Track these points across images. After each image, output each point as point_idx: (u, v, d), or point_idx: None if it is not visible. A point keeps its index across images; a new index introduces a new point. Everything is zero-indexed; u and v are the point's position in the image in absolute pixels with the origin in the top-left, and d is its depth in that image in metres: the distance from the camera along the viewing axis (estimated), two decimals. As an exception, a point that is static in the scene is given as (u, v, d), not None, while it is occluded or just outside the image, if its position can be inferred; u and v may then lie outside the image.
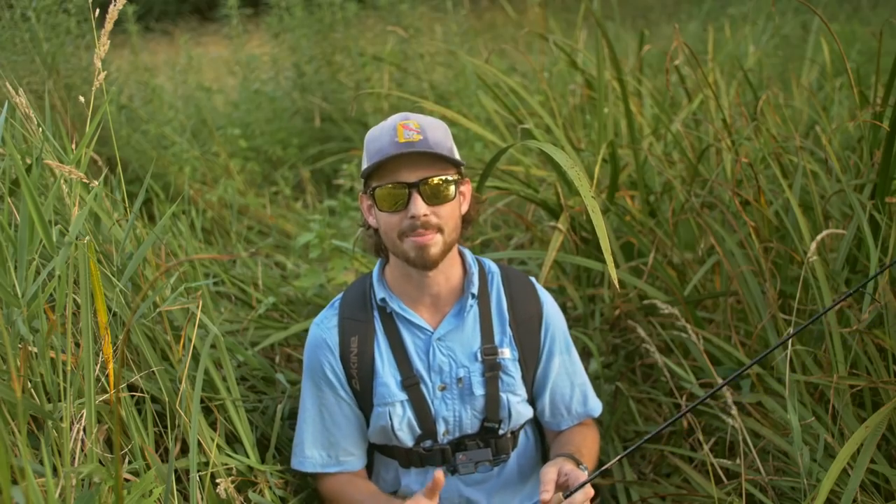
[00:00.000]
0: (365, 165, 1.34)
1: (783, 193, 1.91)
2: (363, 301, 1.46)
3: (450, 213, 1.32)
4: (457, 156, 1.36)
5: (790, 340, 1.55)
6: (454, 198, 1.33)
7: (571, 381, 1.53)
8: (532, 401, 1.53)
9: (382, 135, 1.31)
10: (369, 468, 1.56)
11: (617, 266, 2.01)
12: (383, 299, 1.42)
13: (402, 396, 1.41)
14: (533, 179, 2.38)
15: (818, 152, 2.11)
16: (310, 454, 1.45)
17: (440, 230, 1.31)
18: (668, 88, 2.39)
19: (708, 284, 2.06)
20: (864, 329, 1.53)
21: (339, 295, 1.51)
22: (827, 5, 5.74)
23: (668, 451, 1.72)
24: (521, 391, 1.47)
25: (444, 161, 1.30)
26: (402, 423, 1.41)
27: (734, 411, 1.52)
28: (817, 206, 1.82)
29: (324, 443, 1.45)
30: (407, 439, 1.43)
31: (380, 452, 1.53)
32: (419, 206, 1.28)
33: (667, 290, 1.96)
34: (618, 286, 1.25)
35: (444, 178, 1.30)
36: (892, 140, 1.60)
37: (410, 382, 1.41)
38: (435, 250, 1.31)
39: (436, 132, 1.32)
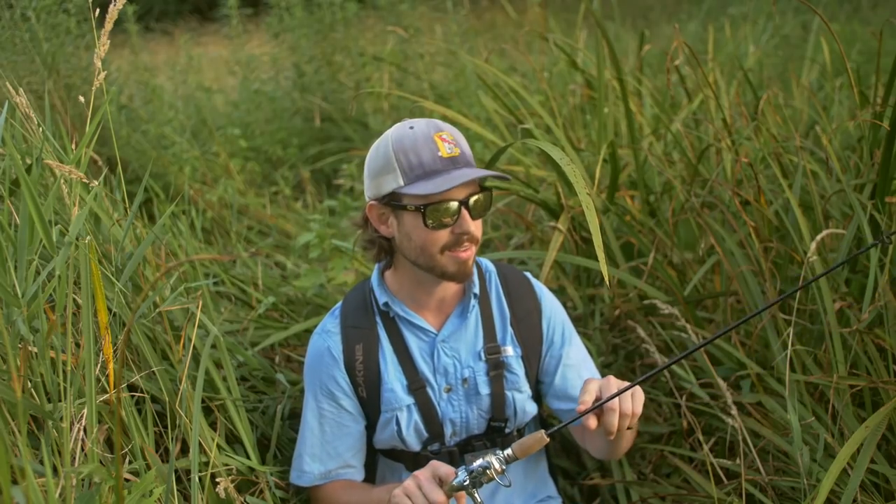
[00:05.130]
0: (401, 178, 1.26)
1: (783, 193, 1.91)
2: (364, 307, 1.45)
3: (481, 224, 1.34)
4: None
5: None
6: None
7: (578, 370, 1.51)
8: (538, 397, 1.53)
9: (418, 147, 1.25)
10: (370, 474, 1.54)
11: (617, 266, 2.02)
12: (386, 303, 1.42)
13: (409, 400, 1.41)
14: (533, 179, 2.38)
15: (818, 152, 2.11)
16: (308, 469, 1.43)
17: (476, 242, 1.33)
18: (669, 88, 2.39)
19: (708, 284, 2.06)
20: (864, 329, 1.53)
21: (339, 303, 1.50)
22: (827, 5, 5.73)
23: (668, 451, 1.72)
24: (526, 388, 1.47)
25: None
26: (409, 428, 1.41)
27: (734, 411, 1.52)
28: (817, 206, 1.82)
29: (323, 456, 1.43)
30: (414, 443, 1.43)
31: (386, 457, 1.52)
32: (469, 222, 1.27)
33: (667, 290, 1.96)
34: (608, 281, 1.25)
35: (487, 194, 1.31)
36: (892, 140, 1.60)
37: (416, 386, 1.40)
38: (471, 262, 1.33)
39: (463, 142, 1.32)
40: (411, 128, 1.28)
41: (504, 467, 1.11)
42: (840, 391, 1.51)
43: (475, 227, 1.30)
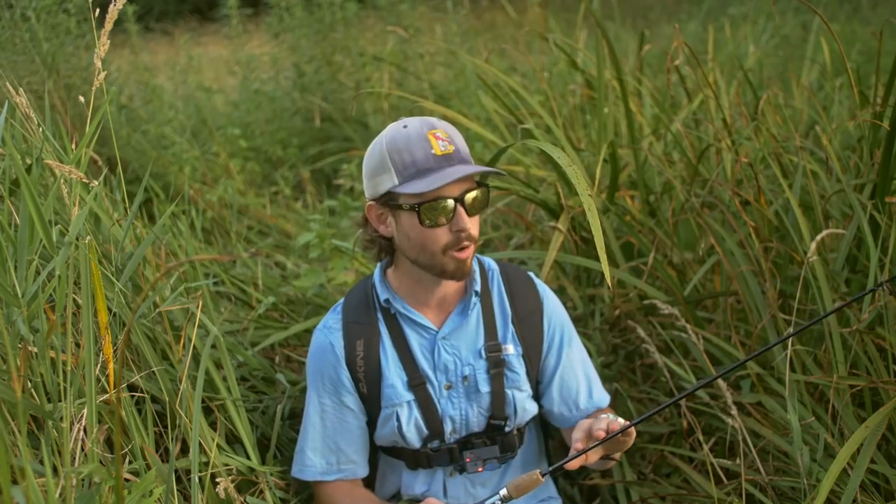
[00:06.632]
0: (395, 177, 1.26)
1: (783, 193, 1.91)
2: (366, 304, 1.45)
3: (479, 222, 1.34)
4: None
5: (790, 340, 1.55)
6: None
7: (576, 373, 1.52)
8: (537, 397, 1.53)
9: (412, 146, 1.25)
10: (373, 471, 1.55)
11: (617, 266, 2.02)
12: (387, 300, 1.42)
13: (409, 397, 1.41)
14: (533, 179, 2.38)
15: (818, 152, 2.11)
16: (310, 462, 1.44)
17: (475, 241, 1.32)
18: (669, 88, 2.39)
19: (708, 284, 2.06)
20: (864, 329, 1.53)
21: (341, 300, 1.50)
22: (827, 5, 5.73)
23: (668, 451, 1.72)
24: (526, 387, 1.47)
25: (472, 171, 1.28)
26: (409, 424, 1.41)
27: (734, 411, 1.52)
28: (817, 206, 1.82)
29: (325, 450, 1.44)
30: (414, 440, 1.43)
31: (387, 454, 1.53)
32: (465, 220, 1.27)
33: (667, 290, 1.96)
34: (609, 282, 1.25)
35: (484, 190, 1.30)
36: (892, 140, 1.60)
37: (416, 382, 1.41)
38: (471, 261, 1.33)
39: (458, 139, 1.31)
40: (405, 126, 1.29)
41: None
42: (840, 391, 1.51)
43: (472, 224, 1.28)
